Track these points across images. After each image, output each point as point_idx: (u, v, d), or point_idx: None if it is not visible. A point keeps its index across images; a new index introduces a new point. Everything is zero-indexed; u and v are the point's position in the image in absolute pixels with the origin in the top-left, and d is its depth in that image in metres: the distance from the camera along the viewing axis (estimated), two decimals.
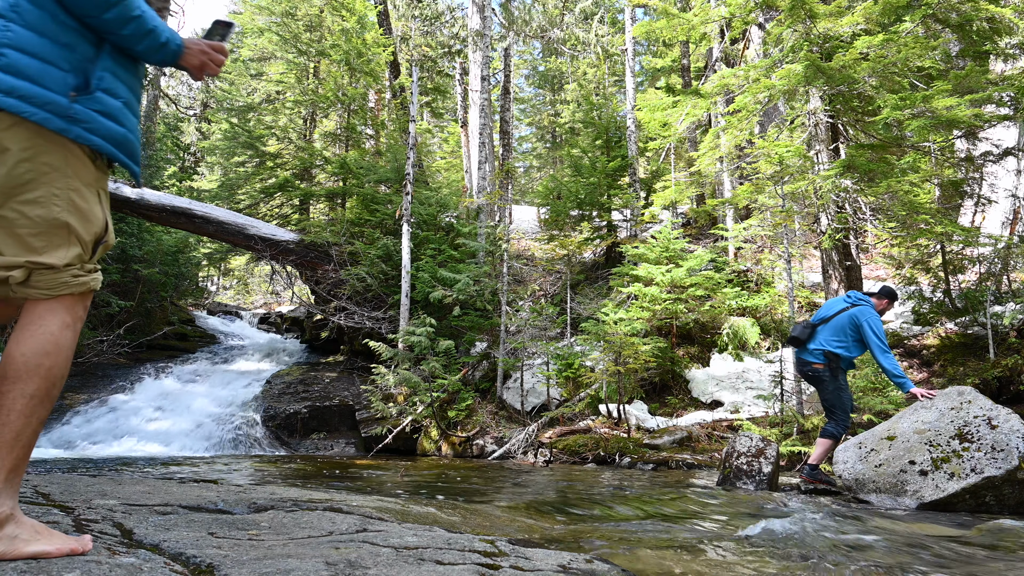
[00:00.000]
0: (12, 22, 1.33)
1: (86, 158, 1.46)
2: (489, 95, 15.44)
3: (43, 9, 1.35)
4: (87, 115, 1.41)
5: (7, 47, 1.32)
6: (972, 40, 8.13)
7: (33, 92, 1.34)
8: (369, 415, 8.88)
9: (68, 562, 1.45)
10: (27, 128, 1.35)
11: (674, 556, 2.61)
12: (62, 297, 1.46)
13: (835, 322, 5.15)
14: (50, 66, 1.36)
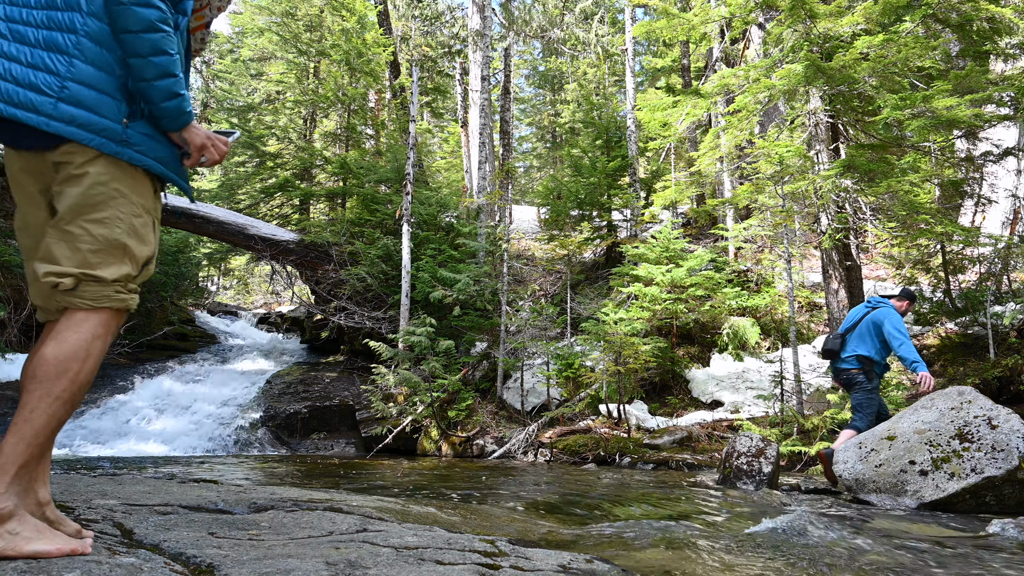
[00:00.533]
0: (75, 58, 1.49)
1: (148, 184, 1.60)
2: (489, 95, 15.44)
3: (101, 48, 1.51)
4: (139, 139, 1.55)
5: (70, 80, 1.48)
6: (972, 40, 8.12)
7: (91, 120, 1.49)
8: (369, 415, 8.88)
9: (68, 562, 1.45)
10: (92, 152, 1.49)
11: (674, 556, 2.61)
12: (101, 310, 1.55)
13: (860, 328, 5.34)
14: (105, 95, 1.51)
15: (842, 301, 8.41)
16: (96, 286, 1.52)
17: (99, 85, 1.51)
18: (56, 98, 1.47)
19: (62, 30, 1.50)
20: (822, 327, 10.60)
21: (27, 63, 1.48)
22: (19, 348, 10.02)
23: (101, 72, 1.51)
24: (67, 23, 1.50)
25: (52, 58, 1.49)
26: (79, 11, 1.51)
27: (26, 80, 1.47)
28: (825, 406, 7.15)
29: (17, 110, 1.45)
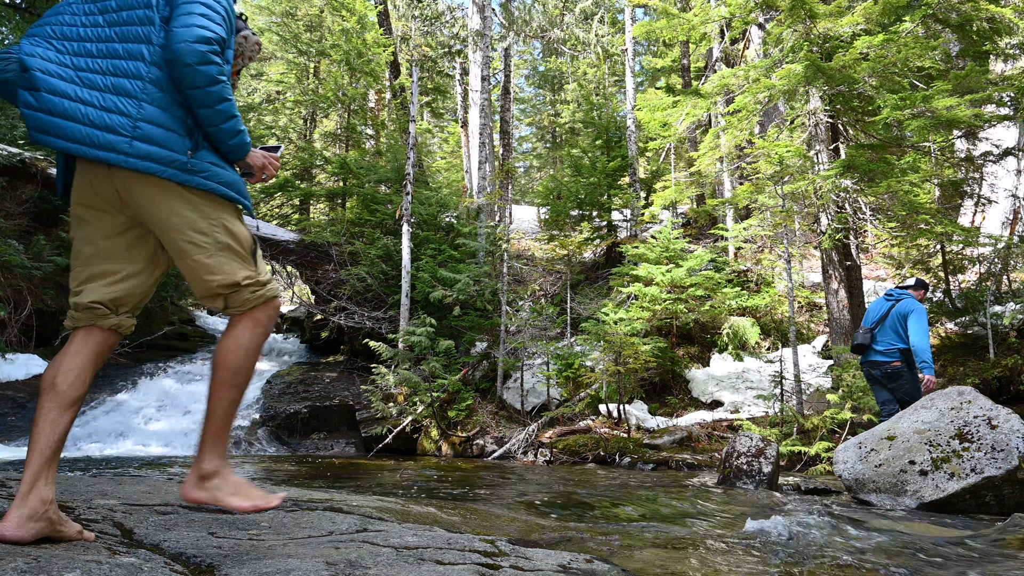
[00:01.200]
0: (144, 102, 1.68)
1: (217, 196, 1.78)
2: (489, 95, 15.44)
3: (164, 91, 1.70)
4: (202, 167, 1.73)
5: (141, 121, 1.67)
6: (972, 40, 8.12)
7: (161, 155, 1.67)
8: (369, 415, 8.88)
9: (68, 561, 1.45)
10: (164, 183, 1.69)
11: (674, 556, 2.61)
12: (250, 310, 1.81)
13: (889, 321, 5.41)
14: (171, 132, 1.70)
15: (842, 301, 8.41)
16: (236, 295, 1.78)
17: (165, 124, 1.69)
18: (131, 137, 1.65)
19: (128, 76, 1.69)
20: (822, 327, 10.61)
21: (100, 107, 1.66)
22: (19, 348, 10.02)
23: (166, 112, 1.70)
24: (132, 70, 1.70)
25: (123, 102, 1.67)
26: (142, 60, 1.71)
27: (102, 123, 1.65)
28: (825, 406, 7.16)
29: (99, 151, 1.64)
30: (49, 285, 10.83)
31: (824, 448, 6.49)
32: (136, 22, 1.73)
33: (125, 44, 1.71)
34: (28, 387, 9.24)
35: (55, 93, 1.66)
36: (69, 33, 1.73)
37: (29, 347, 10.24)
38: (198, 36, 1.65)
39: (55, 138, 1.65)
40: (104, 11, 1.75)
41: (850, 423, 6.72)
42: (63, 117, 1.65)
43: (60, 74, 1.67)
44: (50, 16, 1.76)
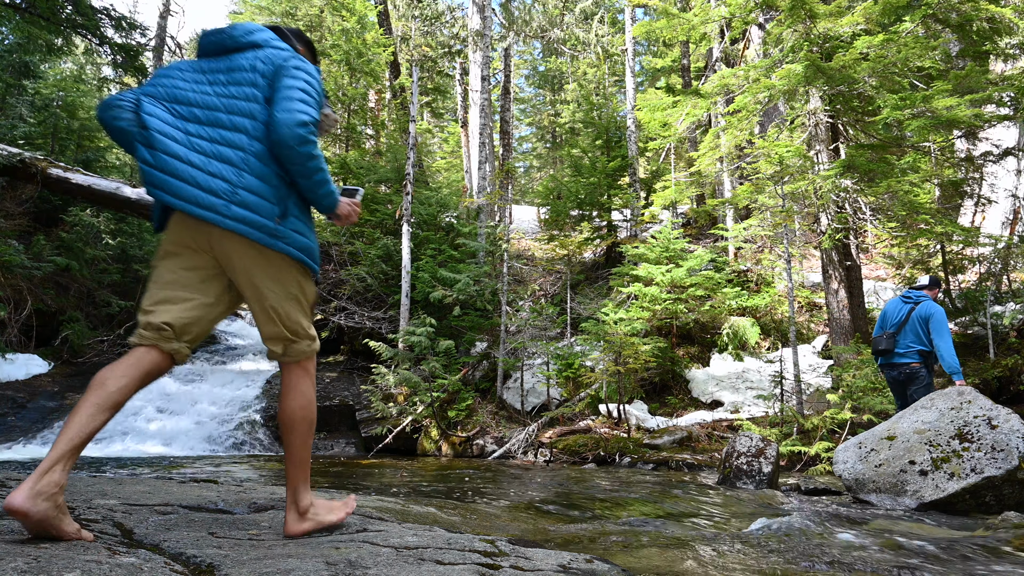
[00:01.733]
0: (244, 171, 1.91)
1: (292, 260, 2.00)
2: (489, 95, 15.44)
3: (262, 163, 1.93)
4: (286, 233, 1.95)
5: (240, 188, 1.89)
6: (972, 40, 8.12)
7: (253, 219, 1.89)
8: (369, 415, 8.88)
9: (68, 561, 1.45)
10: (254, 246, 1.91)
11: (674, 556, 2.61)
12: (302, 361, 2.10)
13: (909, 325, 5.43)
14: (264, 200, 1.91)
15: (842, 301, 8.41)
16: (294, 346, 2.07)
17: (260, 192, 1.91)
18: (229, 201, 1.88)
19: (232, 147, 1.92)
20: (822, 327, 10.61)
21: (206, 171, 1.88)
22: (19, 348, 10.02)
23: (262, 183, 1.92)
24: (236, 141, 1.92)
25: (226, 169, 1.90)
26: (246, 133, 1.93)
27: (207, 186, 1.87)
28: (825, 406, 7.16)
29: (201, 210, 1.86)
30: (49, 285, 10.83)
31: (824, 448, 6.49)
32: (242, 98, 1.96)
33: (231, 116, 1.94)
34: (28, 387, 9.24)
35: (169, 154, 1.87)
36: (182, 98, 1.96)
37: (29, 347, 10.24)
38: (298, 121, 1.87)
39: (165, 193, 1.87)
40: (214, 83, 1.99)
41: (850, 423, 6.72)
42: (174, 176, 1.87)
43: (174, 136, 1.89)
44: (164, 78, 2.00)
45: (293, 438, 2.06)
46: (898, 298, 5.66)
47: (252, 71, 1.99)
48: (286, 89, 1.92)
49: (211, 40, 2.08)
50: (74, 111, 13.09)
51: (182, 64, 2.05)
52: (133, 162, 15.70)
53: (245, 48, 2.05)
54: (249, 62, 2.00)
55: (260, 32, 2.09)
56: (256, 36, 2.07)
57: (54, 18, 8.61)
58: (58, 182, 11.13)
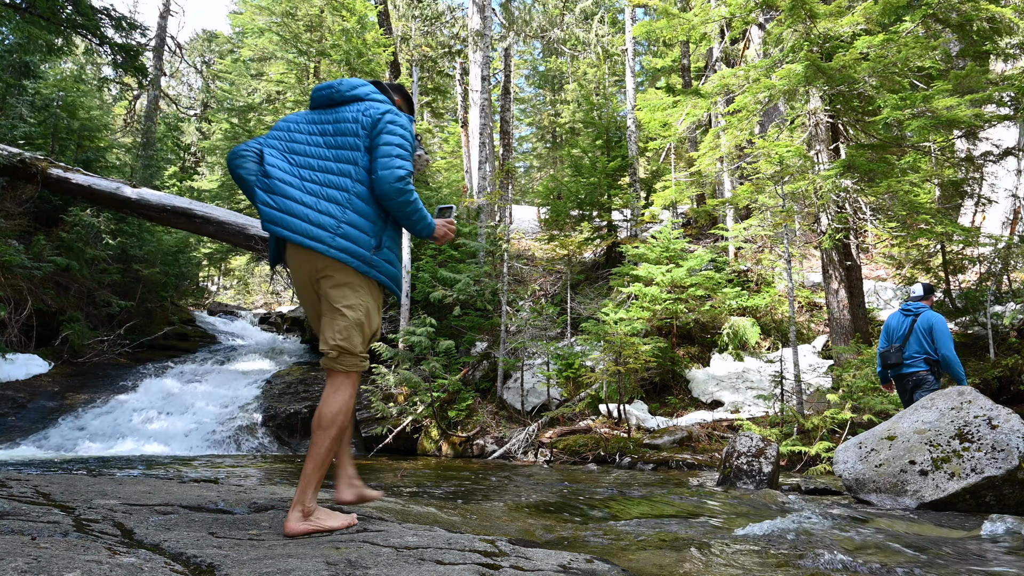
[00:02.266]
0: (347, 208, 2.28)
1: (377, 287, 2.38)
2: (489, 95, 15.43)
3: (362, 200, 2.30)
4: (378, 263, 2.32)
5: (344, 223, 2.26)
6: (972, 40, 8.12)
7: (353, 250, 2.27)
8: (369, 415, 8.88)
9: (69, 561, 1.45)
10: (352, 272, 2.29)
11: (674, 556, 2.61)
12: (351, 373, 2.34)
13: (914, 336, 5.70)
14: (363, 234, 2.29)
15: (842, 301, 8.41)
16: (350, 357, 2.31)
17: (360, 227, 2.28)
18: (334, 234, 2.25)
19: (338, 189, 2.30)
20: (822, 327, 10.60)
21: (316, 209, 2.26)
22: (19, 348, 10.02)
23: (363, 219, 2.29)
24: (341, 184, 2.30)
25: (332, 207, 2.27)
26: (349, 177, 2.31)
27: (317, 222, 2.25)
28: (825, 406, 7.15)
29: (311, 241, 2.23)
30: (49, 285, 10.83)
31: (824, 448, 6.49)
32: (347, 147, 2.35)
33: (338, 163, 2.33)
34: (28, 387, 9.24)
35: (286, 197, 2.28)
36: (297, 149, 2.38)
37: (29, 347, 10.24)
38: (397, 177, 2.26)
39: (282, 228, 2.26)
40: (323, 133, 2.39)
41: (850, 423, 6.72)
42: (289, 214, 2.26)
43: (291, 182, 2.31)
44: (284, 130, 2.43)
45: (322, 438, 2.26)
46: (898, 312, 5.90)
47: (355, 123, 2.37)
48: (384, 146, 2.31)
49: (322, 94, 2.48)
50: (74, 111, 13.09)
51: (299, 116, 2.47)
52: (133, 162, 15.71)
53: (349, 101, 2.45)
54: (352, 115, 2.39)
55: (362, 87, 2.49)
56: (358, 91, 2.47)
57: (54, 18, 8.62)
58: (58, 182, 11.14)
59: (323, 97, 2.48)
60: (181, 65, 28.23)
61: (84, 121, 13.34)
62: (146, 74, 10.57)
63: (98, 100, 18.83)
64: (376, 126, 2.35)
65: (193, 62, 26.76)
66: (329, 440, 2.25)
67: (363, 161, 2.33)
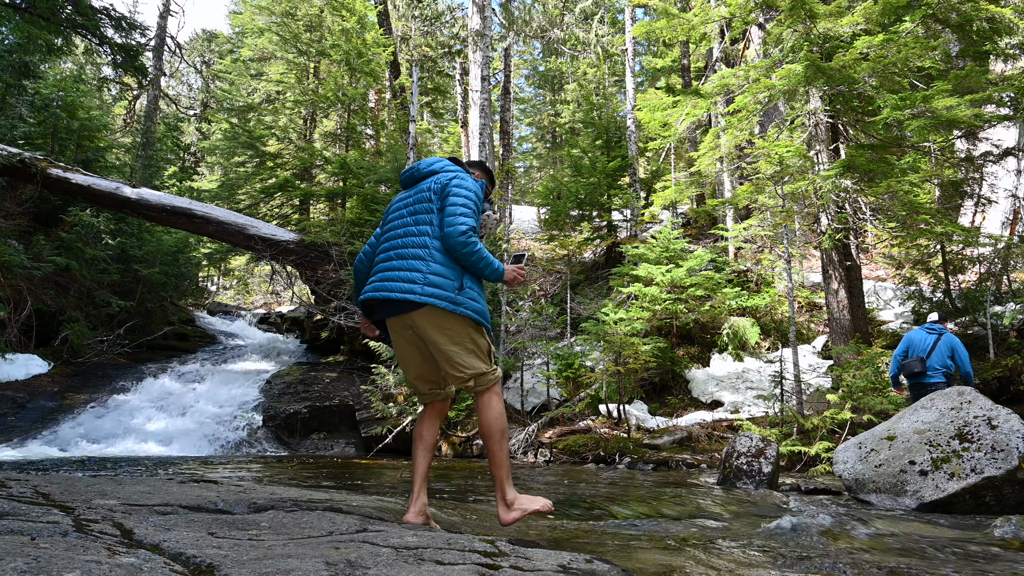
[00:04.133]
0: (429, 261, 2.64)
1: (469, 321, 2.69)
2: (489, 95, 15.43)
3: (440, 253, 2.66)
4: (463, 300, 2.64)
5: (429, 274, 2.62)
6: (972, 40, 8.12)
7: (440, 293, 2.60)
8: (369, 415, 8.88)
9: (68, 561, 1.45)
10: (442, 311, 2.61)
11: (674, 556, 2.61)
12: (490, 388, 2.68)
13: (939, 350, 6.47)
14: (446, 279, 2.63)
15: (842, 301, 8.41)
16: (482, 378, 2.65)
17: (443, 274, 2.63)
18: (423, 284, 2.60)
19: (421, 247, 2.68)
20: (822, 327, 10.60)
21: (406, 269, 2.66)
22: (19, 348, 10.02)
23: (443, 267, 2.64)
24: (422, 243, 2.69)
25: (418, 264, 2.65)
26: (428, 235, 2.69)
27: (408, 278, 2.63)
28: (825, 406, 7.15)
29: (407, 295, 2.60)
30: (49, 285, 10.83)
31: (824, 448, 6.49)
32: (424, 211, 2.74)
33: (418, 226, 2.73)
34: (28, 387, 9.23)
35: (383, 271, 2.72)
36: (389, 227, 2.84)
37: (29, 347, 10.24)
38: (460, 231, 2.60)
39: (382, 292, 2.65)
40: (406, 206, 2.81)
41: (850, 423, 6.72)
42: (386, 281, 2.68)
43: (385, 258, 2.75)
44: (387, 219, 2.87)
45: (492, 444, 2.63)
46: (921, 329, 6.65)
47: (428, 191, 2.76)
48: (450, 206, 2.66)
49: (407, 175, 2.92)
50: (74, 111, 13.08)
51: (394, 200, 2.90)
52: (133, 162, 15.71)
53: (427, 176, 2.85)
54: (427, 185, 2.79)
55: (438, 162, 2.88)
56: (435, 166, 2.87)
57: (54, 18, 8.62)
58: (58, 182, 11.14)
59: (407, 178, 2.92)
60: (181, 65, 28.23)
61: (84, 121, 13.34)
62: (146, 74, 10.57)
63: (98, 100, 18.83)
64: (445, 189, 2.73)
65: (193, 62, 26.77)
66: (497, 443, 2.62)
67: (436, 221, 2.71)
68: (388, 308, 2.70)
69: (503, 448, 2.63)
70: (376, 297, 2.66)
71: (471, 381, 2.65)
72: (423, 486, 2.72)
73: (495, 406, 2.66)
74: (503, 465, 2.62)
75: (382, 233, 2.88)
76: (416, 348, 2.75)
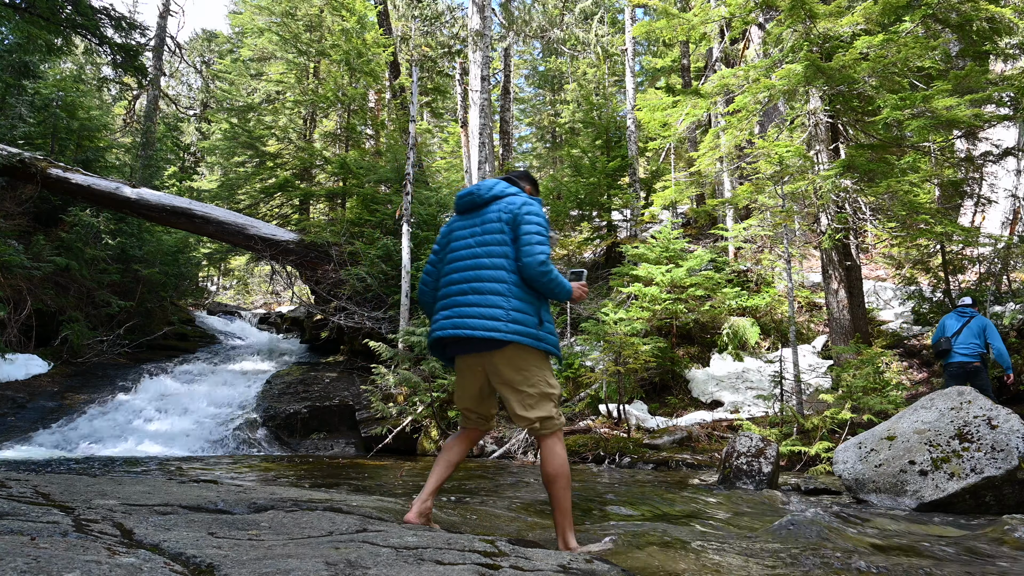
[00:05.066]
0: (511, 297, 2.61)
1: (546, 357, 2.73)
2: (489, 95, 15.43)
3: (519, 288, 2.64)
4: (543, 335, 2.66)
5: (511, 310, 2.59)
6: (972, 40, 8.12)
7: (522, 329, 2.59)
8: (369, 415, 8.87)
9: (68, 561, 1.45)
10: (524, 347, 2.61)
11: (674, 556, 2.61)
12: (555, 433, 2.65)
13: (967, 331, 6.75)
14: (527, 315, 2.62)
15: (842, 301, 8.41)
16: (549, 421, 2.64)
17: (524, 310, 2.62)
18: (504, 321, 2.58)
19: (498, 282, 2.64)
20: (822, 327, 10.60)
21: (485, 305, 2.61)
22: (19, 348, 10.01)
23: (523, 302, 2.63)
24: (499, 277, 2.65)
25: (498, 299, 2.61)
26: (504, 270, 2.65)
27: (491, 315, 2.59)
28: (825, 406, 7.15)
29: (491, 332, 2.56)
30: (49, 285, 10.83)
31: (824, 448, 6.48)
32: (496, 243, 2.69)
33: (491, 259, 2.68)
34: (28, 387, 9.23)
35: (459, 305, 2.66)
36: (457, 257, 2.76)
37: (29, 347, 10.23)
38: (539, 261, 2.60)
39: (463, 329, 2.60)
40: (473, 235, 2.74)
41: (850, 423, 6.72)
42: (465, 317, 2.62)
43: (459, 290, 2.69)
44: (448, 246, 2.82)
45: (555, 490, 2.60)
46: (954, 313, 7.02)
47: (498, 221, 2.71)
48: (525, 235, 2.65)
49: (465, 200, 2.83)
50: (74, 111, 13.08)
51: (452, 224, 2.85)
52: (133, 162, 15.70)
53: (490, 202, 2.77)
54: (495, 214, 2.72)
55: (498, 186, 2.81)
56: (496, 190, 2.79)
57: (54, 18, 8.62)
58: (58, 182, 11.14)
59: (467, 204, 2.83)
60: (181, 65, 28.23)
61: (84, 121, 13.33)
62: (146, 74, 10.57)
63: (98, 100, 18.83)
64: (516, 219, 2.69)
65: (193, 62, 26.76)
66: (562, 490, 2.59)
67: (512, 254, 2.68)
68: (467, 346, 2.65)
69: (567, 496, 2.59)
70: (456, 335, 2.60)
71: (537, 423, 2.62)
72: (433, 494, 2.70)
73: (559, 452, 2.63)
74: (567, 513, 2.58)
75: (442, 259, 2.82)
76: (480, 385, 2.74)
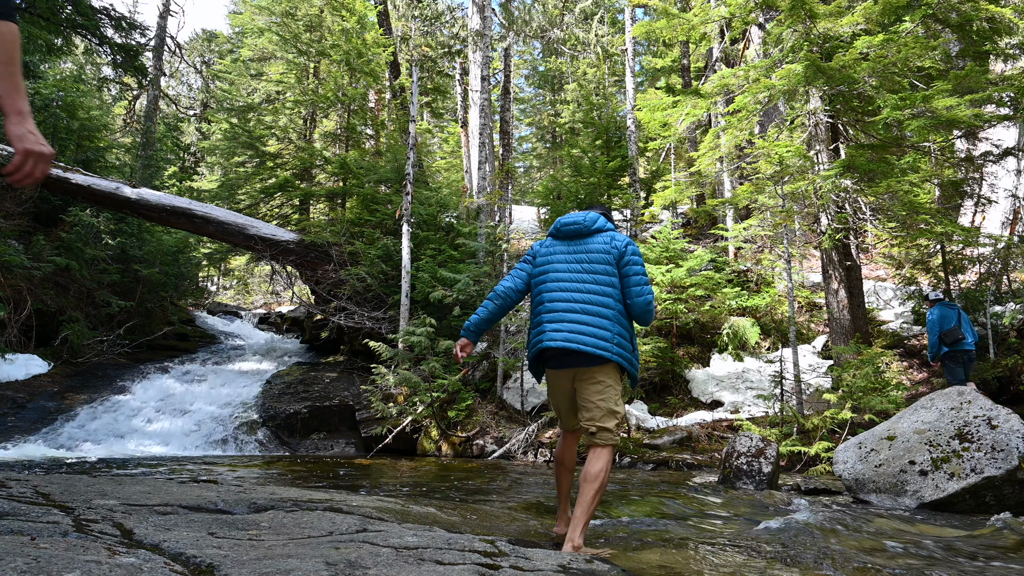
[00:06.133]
0: (615, 323, 2.89)
1: (632, 378, 3.04)
2: (489, 95, 15.42)
3: (622, 316, 2.93)
4: (633, 359, 2.95)
5: (616, 335, 2.88)
6: (972, 40, 8.12)
7: (624, 354, 2.89)
8: (369, 415, 8.87)
9: (68, 561, 1.45)
10: (616, 366, 2.90)
11: (674, 556, 2.61)
12: (608, 446, 2.83)
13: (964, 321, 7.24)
14: (627, 342, 2.93)
15: (842, 301, 8.40)
16: (607, 433, 2.83)
17: (625, 336, 2.92)
18: (611, 343, 2.85)
19: (606, 307, 2.91)
20: (822, 327, 10.60)
21: (595, 326, 2.87)
22: (19, 348, 10.01)
23: (624, 330, 2.93)
24: (607, 303, 2.91)
25: (606, 324, 2.88)
26: (611, 297, 2.92)
27: (602, 336, 2.85)
28: (825, 406, 7.15)
29: (601, 351, 2.83)
30: (49, 285, 10.83)
31: (824, 448, 6.48)
32: (603, 273, 2.95)
33: (599, 286, 2.94)
34: (28, 387, 9.23)
35: (571, 322, 2.90)
36: (563, 278, 3.00)
37: (29, 347, 10.23)
38: (647, 302, 2.94)
39: (575, 344, 2.84)
40: (579, 261, 3.00)
41: (850, 423, 6.72)
42: (579, 334, 2.86)
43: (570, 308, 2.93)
44: (547, 266, 3.07)
45: (589, 488, 2.74)
46: (940, 306, 7.33)
47: (605, 253, 2.97)
48: (634, 276, 2.94)
49: (571, 228, 3.06)
50: (74, 111, 13.07)
51: (552, 247, 3.09)
52: (133, 162, 15.70)
53: (594, 233, 3.03)
54: (601, 245, 2.99)
55: (600, 220, 3.07)
56: (599, 223, 3.06)
57: (54, 18, 8.62)
58: (57, 182, 11.13)
59: (571, 231, 3.07)
60: (181, 65, 28.23)
61: (84, 121, 13.33)
62: (146, 74, 10.57)
63: (98, 100, 18.83)
64: (623, 257, 2.96)
65: (193, 62, 26.76)
66: (594, 491, 2.73)
67: (617, 285, 2.95)
68: (574, 359, 2.88)
69: (596, 501, 2.73)
70: (568, 347, 2.84)
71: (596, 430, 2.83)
72: (567, 502, 3.05)
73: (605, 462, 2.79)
74: (588, 513, 2.70)
75: (542, 276, 3.05)
76: (569, 394, 2.99)
